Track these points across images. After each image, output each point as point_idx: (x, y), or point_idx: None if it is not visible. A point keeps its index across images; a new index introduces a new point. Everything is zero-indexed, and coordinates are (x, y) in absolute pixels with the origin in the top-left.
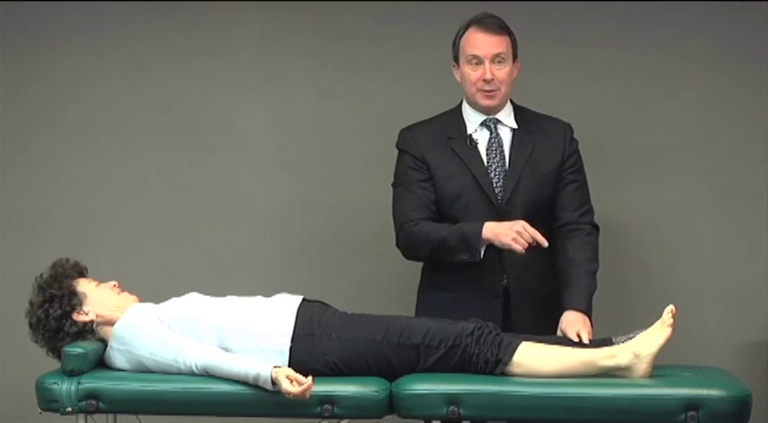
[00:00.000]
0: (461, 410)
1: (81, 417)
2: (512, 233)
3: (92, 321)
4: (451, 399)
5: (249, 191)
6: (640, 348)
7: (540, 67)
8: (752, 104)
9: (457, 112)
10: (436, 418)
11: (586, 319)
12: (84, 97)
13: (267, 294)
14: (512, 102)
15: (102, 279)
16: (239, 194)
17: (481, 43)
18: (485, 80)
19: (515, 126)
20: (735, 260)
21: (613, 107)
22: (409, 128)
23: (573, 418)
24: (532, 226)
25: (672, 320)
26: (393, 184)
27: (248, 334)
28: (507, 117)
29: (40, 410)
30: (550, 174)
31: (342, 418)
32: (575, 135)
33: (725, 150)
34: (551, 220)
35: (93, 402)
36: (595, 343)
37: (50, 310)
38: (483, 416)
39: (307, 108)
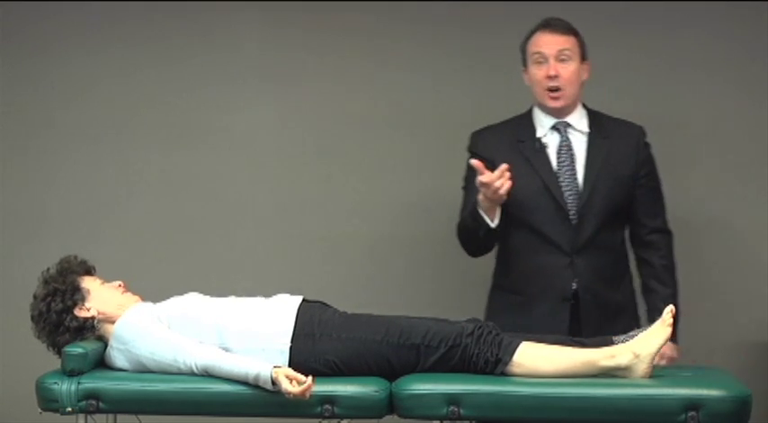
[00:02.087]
0: (461, 410)
1: (81, 417)
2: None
3: (92, 318)
4: (451, 399)
5: (250, 190)
6: (640, 348)
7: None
8: None
9: (528, 116)
10: (436, 418)
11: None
12: (83, 96)
13: (267, 294)
14: (584, 106)
15: (101, 278)
16: (240, 193)
17: (546, 41)
18: (549, 77)
19: (587, 130)
20: (735, 260)
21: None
22: (479, 131)
23: (573, 419)
24: (605, 232)
25: (672, 321)
26: (463, 188)
27: (248, 334)
28: (579, 121)
29: (40, 410)
30: (625, 178)
31: (342, 418)
32: (647, 138)
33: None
34: (626, 226)
35: (94, 402)
36: (595, 342)
37: (52, 304)
38: (483, 416)
39: (308, 106)
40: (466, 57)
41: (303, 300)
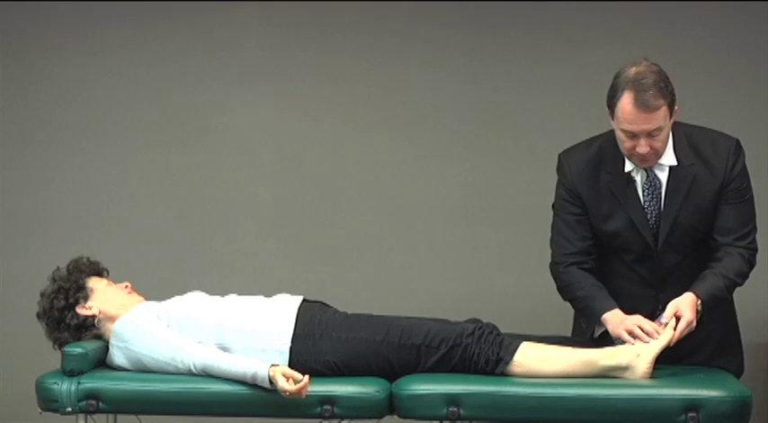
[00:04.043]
0: (461, 411)
1: (81, 417)
2: (622, 325)
3: (93, 316)
4: (451, 399)
5: (250, 190)
6: (641, 348)
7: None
8: None
9: (615, 144)
10: (436, 419)
11: (697, 302)
12: (83, 97)
13: (267, 294)
14: (671, 129)
15: (110, 279)
16: (240, 194)
17: (637, 121)
18: (639, 153)
19: (675, 163)
20: None
21: None
22: (567, 154)
23: (573, 419)
24: (690, 264)
25: (674, 322)
26: (552, 206)
27: (248, 334)
28: (666, 155)
29: (40, 410)
30: (710, 203)
31: (342, 418)
32: (743, 149)
33: None
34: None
35: (93, 402)
36: (596, 343)
37: (55, 301)
38: (483, 416)
39: (307, 106)
40: (467, 56)
41: (303, 300)
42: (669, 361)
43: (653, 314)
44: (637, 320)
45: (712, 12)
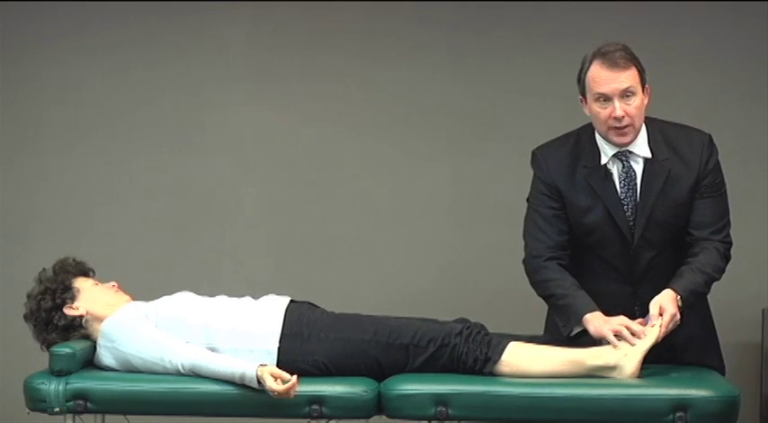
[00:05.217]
0: (450, 411)
1: (69, 417)
2: (607, 325)
3: (81, 316)
4: (440, 399)
5: (239, 190)
6: (629, 347)
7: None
8: None
9: (591, 138)
10: (424, 419)
11: (677, 298)
12: (73, 97)
13: (256, 294)
14: (645, 123)
15: (97, 279)
16: (228, 193)
17: (607, 80)
18: (615, 118)
19: (649, 155)
20: None
21: None
22: (541, 150)
23: (562, 419)
24: (665, 258)
25: (661, 321)
26: (527, 200)
27: (236, 334)
28: (641, 147)
29: (27, 411)
30: (685, 198)
31: (330, 418)
32: (716, 145)
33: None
34: (685, 236)
35: (81, 402)
36: (585, 343)
37: (42, 303)
38: (471, 416)
39: (296, 106)
40: (456, 55)
41: (291, 300)
42: (656, 361)
43: (631, 313)
44: (623, 321)
45: (706, 12)
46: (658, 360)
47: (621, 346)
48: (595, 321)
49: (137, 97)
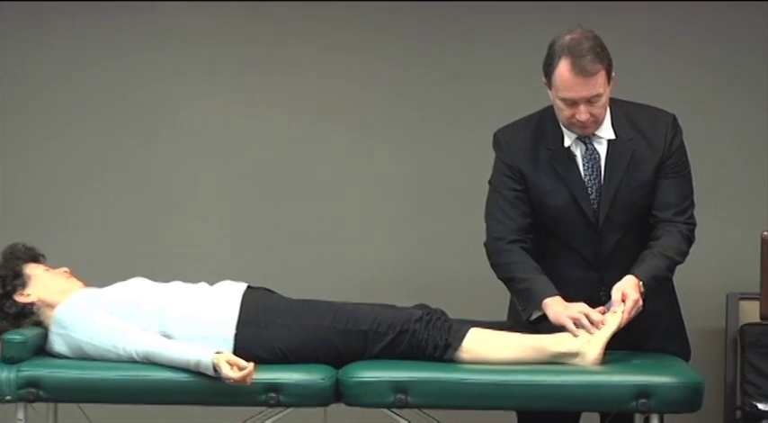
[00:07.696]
0: (409, 398)
1: (21, 405)
2: (566, 312)
3: (32, 303)
4: (399, 386)
5: (195, 177)
6: (591, 334)
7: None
8: None
9: (553, 120)
10: (383, 406)
11: (639, 284)
12: (32, 87)
13: (213, 281)
14: (609, 105)
15: (50, 266)
16: (185, 181)
17: (575, 87)
18: (579, 120)
19: (613, 137)
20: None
21: None
22: (503, 132)
23: (523, 406)
24: (631, 242)
25: (623, 307)
26: (489, 182)
27: (191, 321)
28: (604, 128)
29: None
30: (649, 178)
31: (287, 406)
32: (680, 125)
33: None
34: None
35: (33, 390)
36: (546, 329)
37: None
38: (431, 404)
39: (255, 96)
40: (422, 44)
41: (248, 286)
42: (620, 347)
43: (596, 298)
44: (582, 309)
45: (699, 11)
46: (622, 346)
47: (581, 334)
48: (555, 306)
49: (96, 87)
